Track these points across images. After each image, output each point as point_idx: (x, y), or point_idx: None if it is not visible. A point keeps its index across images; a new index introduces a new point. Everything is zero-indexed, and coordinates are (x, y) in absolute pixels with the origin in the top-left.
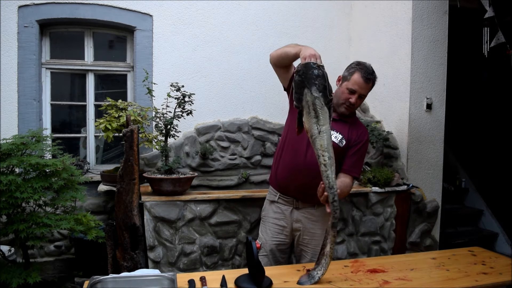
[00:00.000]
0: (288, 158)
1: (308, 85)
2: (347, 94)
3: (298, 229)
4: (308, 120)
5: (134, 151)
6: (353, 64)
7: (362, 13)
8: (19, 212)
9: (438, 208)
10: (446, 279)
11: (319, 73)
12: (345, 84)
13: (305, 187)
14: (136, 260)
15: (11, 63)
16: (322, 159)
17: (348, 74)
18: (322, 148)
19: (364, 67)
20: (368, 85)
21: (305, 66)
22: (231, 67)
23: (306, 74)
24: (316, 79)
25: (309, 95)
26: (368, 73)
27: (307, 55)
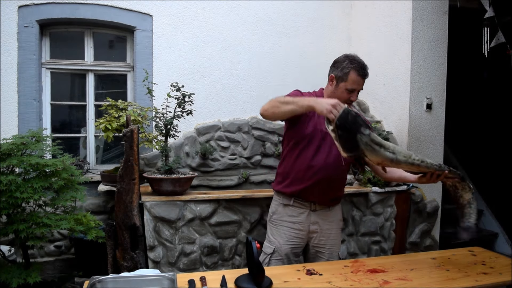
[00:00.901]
0: (307, 167)
1: (357, 131)
2: (347, 94)
3: (315, 231)
4: (377, 154)
5: (134, 151)
6: (345, 63)
7: (362, 13)
8: (19, 212)
9: (438, 208)
10: (446, 279)
11: (354, 114)
12: (343, 85)
13: (325, 191)
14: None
15: (11, 63)
16: (416, 161)
17: (342, 74)
18: (407, 157)
19: (357, 64)
20: (365, 78)
21: (341, 119)
22: (231, 67)
23: (347, 124)
24: (357, 121)
25: (364, 138)
26: (363, 69)
27: (329, 110)
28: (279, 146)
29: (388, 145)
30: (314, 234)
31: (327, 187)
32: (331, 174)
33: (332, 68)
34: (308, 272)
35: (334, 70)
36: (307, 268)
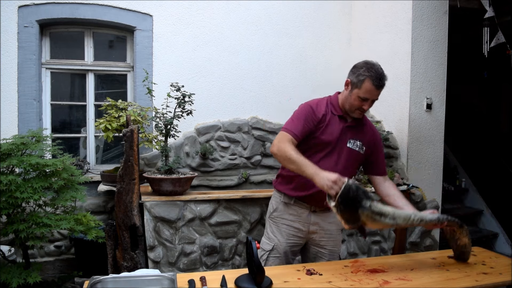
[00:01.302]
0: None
1: (359, 205)
2: (359, 102)
3: (315, 231)
4: (378, 223)
5: (134, 151)
6: (362, 70)
7: (362, 13)
8: (19, 212)
9: (438, 208)
10: (446, 279)
11: (355, 188)
12: (356, 92)
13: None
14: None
15: (11, 63)
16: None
17: (357, 81)
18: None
19: (374, 73)
20: (380, 90)
21: (343, 195)
22: (231, 67)
23: (349, 200)
24: (358, 196)
25: (365, 210)
26: (380, 79)
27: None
28: None
29: (388, 212)
30: (314, 234)
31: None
32: None
33: (350, 72)
34: (308, 272)
35: (351, 75)
36: (307, 268)
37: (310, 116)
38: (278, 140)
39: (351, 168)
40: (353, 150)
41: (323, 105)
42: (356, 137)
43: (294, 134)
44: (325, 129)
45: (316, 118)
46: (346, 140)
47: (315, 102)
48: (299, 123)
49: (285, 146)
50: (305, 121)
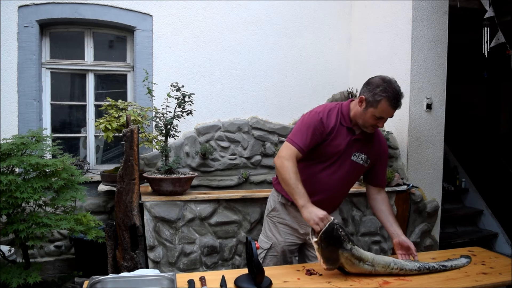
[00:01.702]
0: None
1: (340, 246)
2: (374, 120)
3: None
4: (356, 267)
5: (134, 151)
6: (379, 89)
7: (362, 13)
8: (19, 212)
9: (438, 208)
10: (446, 279)
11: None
12: (371, 111)
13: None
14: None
15: (11, 63)
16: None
17: (373, 100)
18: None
19: (392, 93)
20: (397, 109)
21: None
22: (231, 67)
23: (331, 239)
24: (340, 237)
25: (345, 253)
26: (397, 99)
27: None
28: (279, 146)
29: (367, 257)
30: None
31: (329, 204)
32: (335, 193)
33: (364, 88)
34: (308, 272)
35: (366, 92)
36: (307, 268)
37: (319, 129)
38: (283, 154)
39: (351, 180)
40: (356, 163)
41: (333, 116)
42: (361, 150)
43: (300, 148)
44: (332, 141)
45: (325, 131)
46: (351, 152)
47: (325, 112)
48: (306, 135)
49: (288, 166)
50: (313, 134)
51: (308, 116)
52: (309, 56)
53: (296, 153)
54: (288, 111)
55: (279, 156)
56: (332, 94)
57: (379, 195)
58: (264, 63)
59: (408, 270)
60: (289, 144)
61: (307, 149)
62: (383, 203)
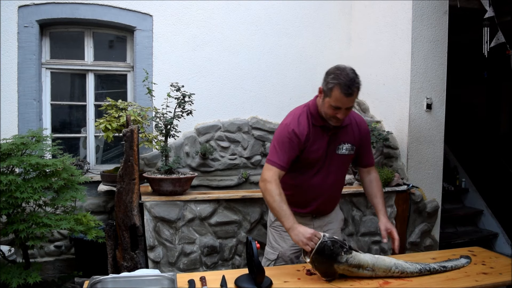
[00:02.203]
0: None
1: (334, 260)
2: (332, 111)
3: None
4: (356, 274)
5: (134, 151)
6: (331, 77)
7: (362, 13)
8: (19, 212)
9: (438, 208)
10: (446, 279)
11: (330, 244)
12: (327, 100)
13: (326, 207)
14: (136, 260)
15: (11, 63)
16: (395, 274)
17: (327, 89)
18: (386, 271)
19: (343, 80)
20: (352, 97)
21: (318, 252)
22: (231, 67)
23: (324, 256)
24: (333, 252)
25: (341, 265)
26: (349, 87)
27: (305, 243)
28: None
29: (367, 263)
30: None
31: (330, 202)
32: (332, 191)
33: (323, 78)
34: (308, 272)
35: (323, 82)
36: (307, 268)
37: (294, 141)
38: (265, 177)
39: (343, 171)
40: (343, 156)
41: (303, 121)
42: (344, 140)
43: (280, 166)
44: (311, 147)
45: (301, 141)
46: (335, 148)
47: (295, 121)
48: (284, 152)
49: (271, 189)
50: (290, 149)
51: (279, 131)
52: (309, 56)
53: (278, 172)
54: (288, 111)
55: (262, 179)
56: None
57: (370, 175)
58: (264, 63)
59: (409, 273)
60: (269, 165)
61: (288, 164)
62: (376, 186)
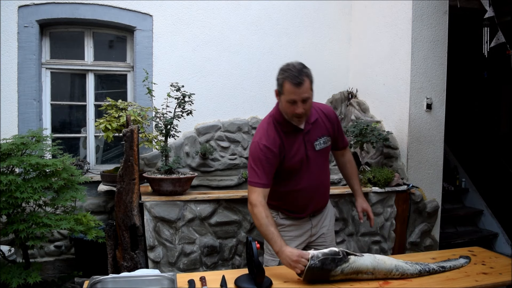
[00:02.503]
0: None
1: (328, 276)
2: (290, 107)
3: (315, 234)
4: (355, 278)
5: (134, 151)
6: (279, 73)
7: (362, 13)
8: (19, 212)
9: (438, 208)
10: (446, 279)
11: (320, 265)
12: (283, 98)
13: (318, 203)
14: (136, 260)
15: (11, 63)
16: (396, 276)
17: (279, 87)
18: (387, 274)
19: (290, 72)
20: (303, 86)
21: (308, 276)
22: (231, 67)
23: (316, 277)
24: (324, 269)
25: (337, 277)
26: (296, 76)
27: (293, 266)
28: None
29: (367, 268)
30: (315, 236)
31: (321, 197)
32: (321, 187)
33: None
34: None
35: (276, 83)
36: None
37: (270, 157)
38: (251, 200)
39: (327, 163)
40: (322, 149)
41: (273, 133)
42: (318, 135)
43: (262, 184)
44: (289, 154)
45: (276, 154)
46: (312, 146)
47: (264, 135)
48: (262, 170)
49: (257, 213)
50: (267, 165)
51: (252, 150)
52: (309, 56)
53: (262, 191)
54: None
55: (248, 202)
56: (332, 94)
57: (344, 157)
58: (264, 63)
59: (409, 274)
60: (251, 187)
61: (270, 180)
62: (350, 167)
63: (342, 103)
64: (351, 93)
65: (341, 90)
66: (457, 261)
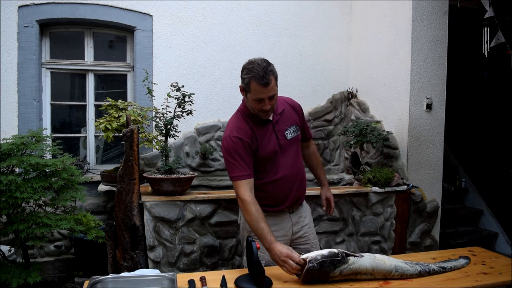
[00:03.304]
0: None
1: (326, 277)
2: (258, 104)
3: (297, 232)
4: (354, 278)
5: (134, 151)
6: (244, 72)
7: (362, 13)
8: (19, 212)
9: (438, 208)
10: (446, 279)
11: (317, 267)
12: (249, 96)
13: (298, 195)
14: (136, 260)
15: (11, 63)
16: (395, 277)
17: (245, 85)
18: (386, 274)
19: (256, 71)
20: (269, 85)
21: (307, 280)
22: (231, 67)
23: (316, 279)
24: (323, 272)
25: (336, 278)
26: (263, 76)
27: (281, 265)
28: None
29: (366, 269)
30: (297, 234)
31: (300, 190)
32: (298, 174)
33: (240, 76)
34: None
35: (241, 81)
36: None
37: (245, 146)
38: (239, 195)
39: (299, 151)
40: (293, 138)
41: (243, 125)
42: (288, 124)
43: (245, 175)
44: (261, 144)
45: (249, 143)
46: (283, 135)
47: (234, 128)
48: (241, 161)
49: (247, 208)
50: (244, 154)
51: (225, 145)
52: (309, 56)
53: (247, 183)
54: None
55: (237, 197)
56: (332, 94)
57: (309, 149)
58: None
59: (409, 275)
60: (235, 181)
61: (251, 169)
62: (314, 158)
63: (342, 103)
64: (351, 93)
65: (341, 90)
66: (458, 261)
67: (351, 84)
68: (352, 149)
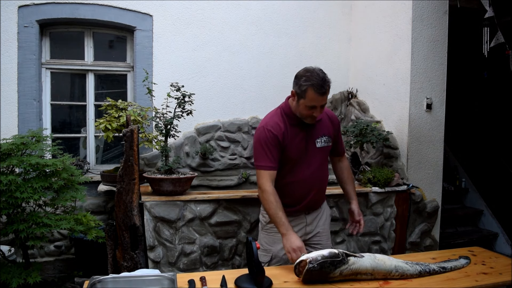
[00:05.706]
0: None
1: (326, 277)
2: (308, 111)
3: (310, 232)
4: (354, 278)
5: (134, 151)
6: (302, 80)
7: (362, 13)
8: (19, 212)
9: (438, 208)
10: (446, 279)
11: (318, 267)
12: (302, 102)
13: (314, 199)
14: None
15: (11, 63)
16: (395, 277)
17: (300, 92)
18: (386, 274)
19: (315, 80)
20: (325, 95)
21: (307, 280)
22: (231, 67)
23: (315, 279)
24: (323, 272)
25: (336, 278)
26: (321, 86)
27: (288, 251)
28: None
29: (366, 269)
30: (310, 234)
31: (318, 197)
32: (318, 186)
33: (294, 82)
34: None
35: (295, 86)
36: None
37: (274, 140)
38: (260, 185)
39: (326, 163)
40: (323, 148)
41: (279, 121)
42: (320, 134)
43: (270, 167)
44: (290, 145)
45: (279, 140)
46: (314, 142)
47: (270, 123)
48: (268, 153)
49: (266, 198)
50: (272, 148)
51: (257, 135)
52: (309, 56)
53: (270, 174)
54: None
55: (258, 187)
56: (332, 94)
57: (341, 163)
58: (264, 63)
59: (409, 275)
60: (260, 170)
61: (276, 163)
62: (347, 173)
63: (342, 103)
64: (351, 93)
65: (341, 90)
66: (458, 261)
67: (351, 84)
68: (352, 149)
